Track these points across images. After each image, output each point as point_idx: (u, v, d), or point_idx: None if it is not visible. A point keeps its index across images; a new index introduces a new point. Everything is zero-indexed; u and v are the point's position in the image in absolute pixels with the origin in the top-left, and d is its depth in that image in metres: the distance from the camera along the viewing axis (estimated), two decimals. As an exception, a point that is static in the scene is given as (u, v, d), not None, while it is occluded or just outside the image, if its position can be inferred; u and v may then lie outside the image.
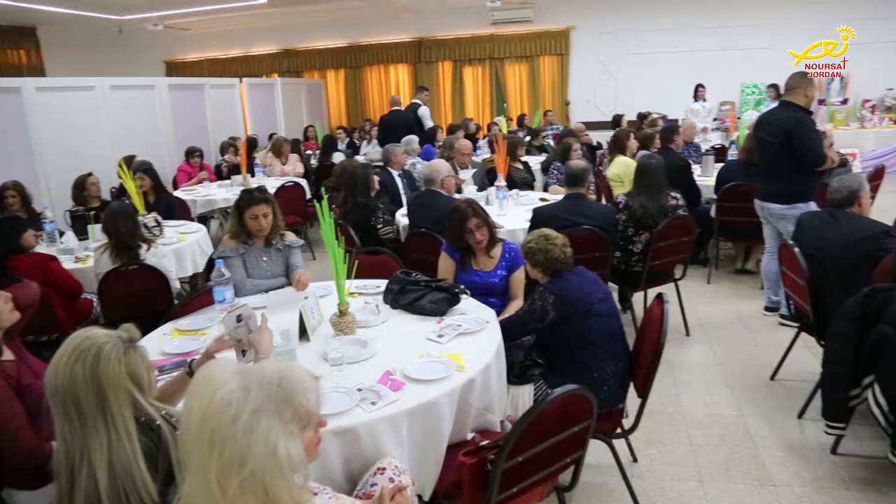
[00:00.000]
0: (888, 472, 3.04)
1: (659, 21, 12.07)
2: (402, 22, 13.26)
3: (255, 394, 1.21)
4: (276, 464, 1.19)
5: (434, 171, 4.67)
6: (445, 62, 13.62)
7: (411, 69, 13.85)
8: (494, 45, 13.14)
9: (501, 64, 13.31)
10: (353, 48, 13.99)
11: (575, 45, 12.74)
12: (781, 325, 4.71)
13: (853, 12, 11.29)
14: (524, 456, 2.01)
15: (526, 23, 12.73)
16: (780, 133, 4.45)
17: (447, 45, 13.41)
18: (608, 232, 4.15)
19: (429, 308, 2.90)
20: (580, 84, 12.84)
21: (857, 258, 3.24)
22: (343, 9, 12.56)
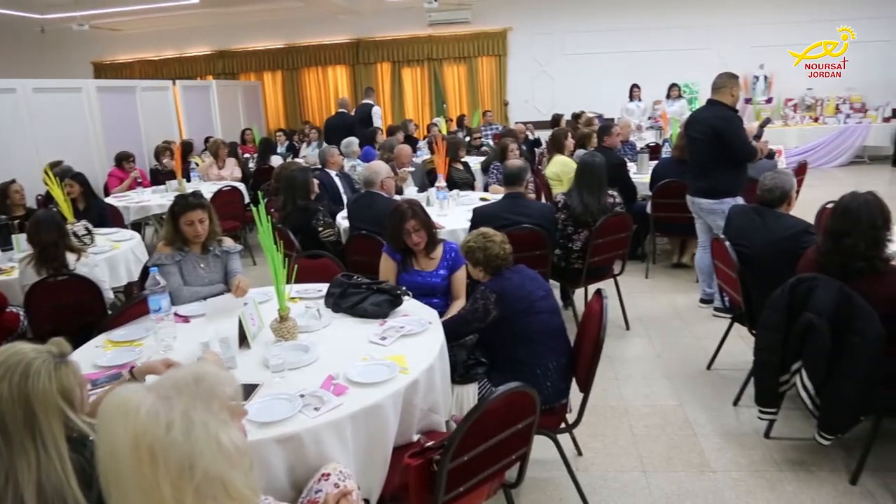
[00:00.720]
0: (816, 453, 3.19)
1: (594, 22, 12.34)
2: (339, 23, 13.15)
3: (177, 398, 1.18)
4: (224, 455, 1.17)
5: (373, 172, 4.65)
6: (384, 63, 13.59)
7: (350, 70, 13.76)
8: (433, 46, 13.18)
9: (440, 65, 13.35)
10: (290, 49, 13.79)
11: (512, 45, 12.90)
12: (716, 317, 4.87)
13: (777, 16, 11.83)
14: (469, 455, 2.02)
15: (463, 24, 12.81)
16: (709, 131, 4.60)
17: (385, 46, 13.37)
18: (548, 230, 4.21)
19: (371, 310, 2.88)
20: (518, 84, 13.01)
21: (781, 255, 3.38)
22: (279, 9, 12.37)
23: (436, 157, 5.86)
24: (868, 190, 2.95)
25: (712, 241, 4.02)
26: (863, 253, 2.79)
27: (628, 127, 8.15)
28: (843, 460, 3.13)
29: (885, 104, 11.67)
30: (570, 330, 3.00)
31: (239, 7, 12.04)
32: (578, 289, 4.77)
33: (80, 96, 8.19)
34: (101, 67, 14.42)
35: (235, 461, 1.19)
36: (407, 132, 9.28)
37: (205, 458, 1.15)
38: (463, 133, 10.40)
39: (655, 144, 8.81)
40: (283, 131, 11.83)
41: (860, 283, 2.77)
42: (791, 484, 3.00)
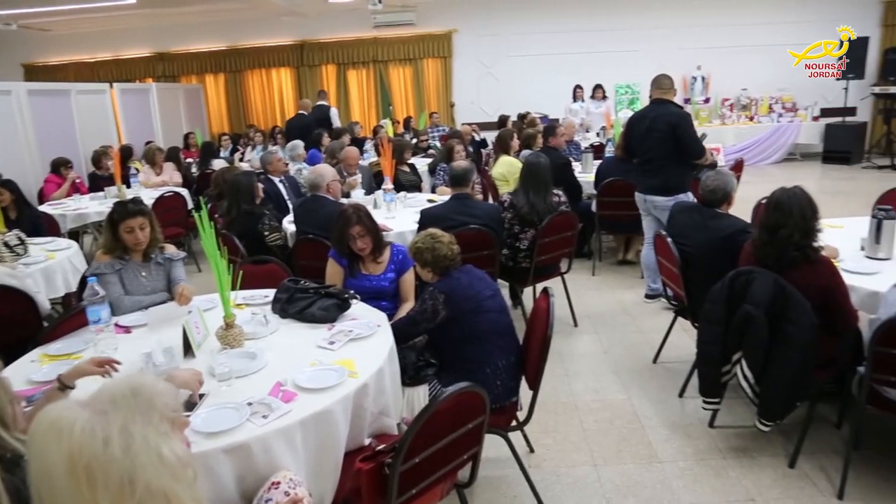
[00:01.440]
0: (757, 439, 3.31)
1: (538, 24, 12.50)
2: (283, 24, 12.98)
3: (113, 413, 1.15)
4: (166, 468, 1.14)
5: (319, 175, 4.60)
6: (329, 65, 13.47)
7: (294, 73, 13.59)
8: (378, 48, 13.14)
9: (386, 67, 13.32)
10: (232, 51, 13.54)
11: (457, 47, 12.96)
12: (663, 310, 4.99)
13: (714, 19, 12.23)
14: (421, 456, 2.02)
15: (408, 26, 12.81)
16: (666, 128, 4.72)
17: (330, 47, 13.26)
18: (495, 230, 4.25)
19: (319, 315, 2.85)
20: (464, 86, 13.08)
21: (720, 253, 3.49)
22: (220, 10, 12.10)
23: (382, 159, 5.84)
24: (797, 185, 3.08)
25: (655, 238, 4.12)
26: (797, 243, 2.91)
27: (572, 127, 8.28)
28: (782, 445, 3.26)
29: (814, 104, 12.19)
30: (520, 329, 3.04)
31: (178, 8, 11.73)
32: (527, 287, 4.82)
33: (10, 100, 7.86)
34: (32, 69, 13.87)
35: (178, 474, 1.16)
36: (353, 135, 9.23)
37: (146, 472, 1.12)
38: (410, 135, 10.40)
39: (599, 144, 8.98)
40: (228, 135, 11.61)
41: (794, 275, 2.89)
42: (734, 470, 3.10)
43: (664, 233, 3.85)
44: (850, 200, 8.25)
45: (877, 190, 4.85)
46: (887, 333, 2.60)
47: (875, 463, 3.07)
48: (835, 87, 11.78)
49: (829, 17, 12.06)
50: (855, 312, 3.05)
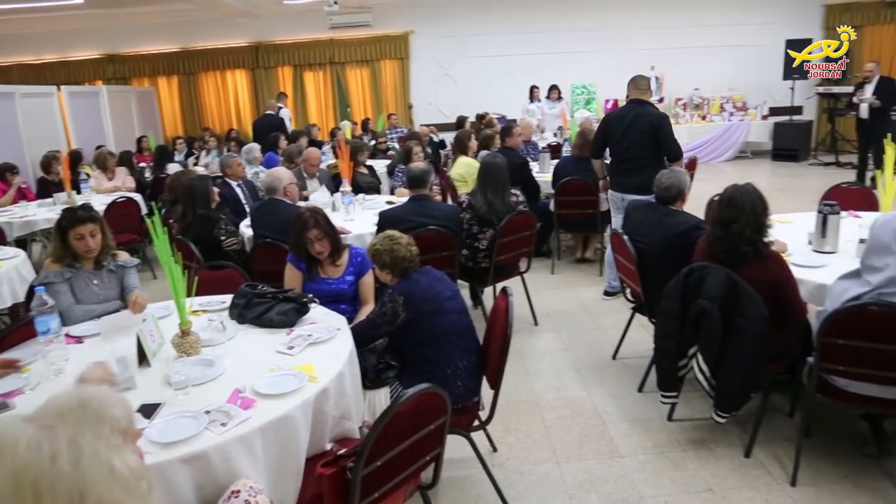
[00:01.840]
0: (714, 431, 3.39)
1: (495, 25, 12.58)
2: (237, 26, 12.78)
3: (61, 427, 1.12)
4: (118, 481, 1.11)
5: (275, 178, 4.55)
6: (285, 67, 13.32)
7: (250, 75, 13.40)
8: (335, 50, 13.04)
9: (343, 68, 13.24)
10: (185, 53, 13.27)
11: (415, 48, 12.95)
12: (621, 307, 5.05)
13: (664, 21, 12.48)
14: (383, 459, 2.01)
15: (365, 27, 12.75)
16: (647, 127, 4.84)
17: (286, 49, 13.11)
18: (453, 231, 4.26)
19: (277, 320, 2.82)
20: (422, 87, 13.08)
21: (674, 249, 3.56)
22: (172, 11, 11.87)
23: (340, 161, 5.80)
24: (748, 181, 3.17)
25: (612, 236, 4.18)
26: (748, 238, 2.99)
27: (529, 127, 8.35)
28: (738, 436, 3.34)
29: (763, 103, 12.53)
30: (481, 329, 3.05)
31: (128, 8, 11.45)
32: (487, 287, 4.85)
33: (-50, 104, 7.59)
34: (-27, 72, 13.41)
35: (132, 487, 1.13)
36: (311, 137, 9.15)
37: (98, 486, 1.09)
38: (368, 137, 10.36)
39: (556, 144, 9.08)
40: (183, 138, 11.39)
41: (745, 269, 2.96)
42: (693, 462, 3.17)
43: (620, 231, 3.92)
44: (799, 196, 8.50)
45: (823, 186, 5.01)
46: (834, 324, 2.69)
47: (825, 449, 3.18)
48: (782, 86, 12.14)
49: (775, 19, 12.48)
50: (804, 305, 3.15)
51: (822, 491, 2.90)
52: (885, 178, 4.04)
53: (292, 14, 12.44)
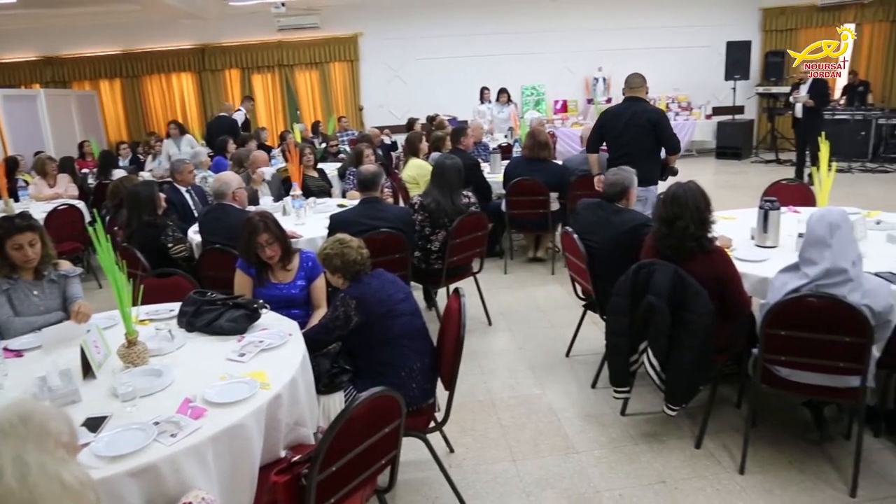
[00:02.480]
0: (666, 423, 3.47)
1: (444, 27, 12.61)
2: (182, 28, 12.50)
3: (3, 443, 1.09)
4: (69, 494, 1.09)
5: (224, 183, 4.46)
6: (233, 70, 13.10)
7: (196, 78, 13.13)
8: (283, 52, 12.89)
9: (291, 71, 13.08)
10: (128, 56, 12.92)
11: (364, 50, 12.89)
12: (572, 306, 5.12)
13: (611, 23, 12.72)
14: (338, 464, 2.00)
15: (313, 29, 12.64)
16: (646, 123, 5.07)
17: (233, 51, 12.90)
18: (405, 233, 4.25)
19: (227, 327, 2.77)
20: (372, 89, 13.03)
21: (623, 247, 3.63)
22: (113, 12, 11.54)
23: (289, 165, 5.74)
24: (691, 179, 3.26)
25: (563, 235, 4.24)
26: (693, 234, 3.07)
27: (480, 129, 8.40)
28: (689, 427, 3.43)
29: (706, 103, 12.89)
30: (436, 330, 3.05)
31: (66, 9, 11.08)
32: (440, 289, 4.86)
33: None
34: None
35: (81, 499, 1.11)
36: (260, 141, 9.01)
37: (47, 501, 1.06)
38: (318, 140, 10.26)
39: (507, 145, 9.15)
40: (127, 143, 11.09)
41: (691, 265, 3.04)
42: (646, 455, 3.24)
43: (570, 230, 3.97)
44: (742, 193, 8.76)
45: (764, 183, 5.17)
46: (775, 316, 2.79)
47: (770, 436, 3.29)
48: (724, 87, 12.50)
49: (716, 21, 12.87)
50: (748, 298, 3.25)
51: (768, 477, 3.00)
52: (821, 175, 4.20)
53: (239, 16, 12.23)
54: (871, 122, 11.01)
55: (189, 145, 9.35)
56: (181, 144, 9.42)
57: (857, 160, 10.84)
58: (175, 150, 9.24)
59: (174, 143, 9.49)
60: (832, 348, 2.74)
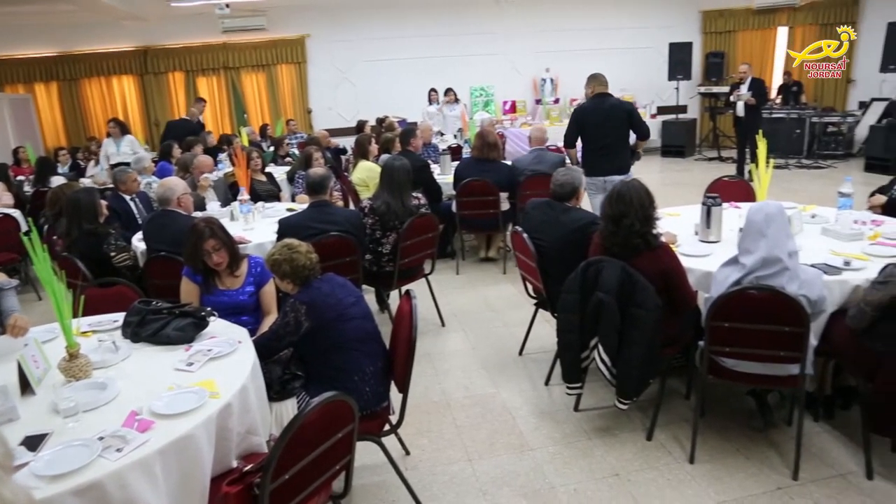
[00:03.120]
0: (618, 417, 3.54)
1: (391, 29, 12.57)
2: (123, 29, 12.13)
3: None
4: None
5: (168, 189, 4.35)
6: (177, 72, 12.78)
7: (138, 80, 12.75)
8: (229, 54, 12.64)
9: (238, 73, 12.85)
10: (66, 58, 12.44)
11: (311, 52, 12.75)
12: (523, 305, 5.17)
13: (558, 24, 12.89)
14: (291, 472, 1.97)
15: (259, 31, 12.43)
16: (624, 115, 5.49)
17: (177, 54, 12.59)
18: (356, 236, 4.23)
19: (174, 336, 2.70)
20: (320, 91, 12.89)
21: (572, 245, 3.68)
22: (48, 13, 11.09)
23: (236, 169, 5.64)
24: (634, 178, 3.33)
25: (512, 235, 4.28)
26: (639, 231, 3.13)
27: (429, 130, 8.42)
28: (640, 420, 3.50)
29: (651, 103, 13.18)
30: (389, 333, 3.04)
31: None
32: (392, 291, 4.84)
33: None
34: None
35: None
36: (206, 145, 8.82)
37: None
38: (267, 143, 10.12)
39: (457, 146, 9.19)
40: (66, 149, 10.71)
41: (638, 261, 3.11)
42: (599, 449, 3.29)
43: (520, 229, 4.01)
44: (687, 190, 8.99)
45: (707, 180, 5.31)
46: (719, 309, 2.87)
47: (718, 426, 3.39)
48: (668, 87, 12.81)
49: (659, 24, 13.18)
50: (693, 292, 3.34)
51: (716, 466, 3.09)
52: (760, 171, 4.34)
53: (182, 17, 11.95)
54: (806, 121, 11.44)
55: (130, 146, 8.96)
56: (121, 145, 8.99)
57: (794, 157, 11.25)
58: (114, 150, 8.88)
59: (114, 142, 9.05)
60: (773, 338, 2.84)
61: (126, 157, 8.49)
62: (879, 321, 2.78)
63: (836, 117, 11.56)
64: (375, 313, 4.91)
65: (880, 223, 3.97)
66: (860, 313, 2.84)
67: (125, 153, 8.64)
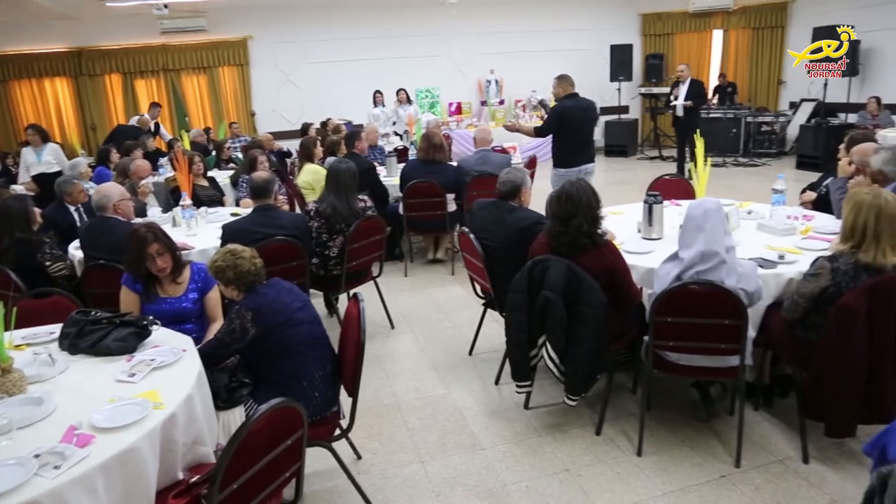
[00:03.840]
0: (567, 414, 3.59)
1: (335, 31, 12.46)
2: (55, 29, 11.67)
3: None
4: None
5: (104, 196, 4.20)
6: (113, 74, 12.37)
7: (72, 83, 12.28)
8: (168, 56, 12.32)
9: (178, 75, 12.53)
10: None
11: (254, 54, 12.53)
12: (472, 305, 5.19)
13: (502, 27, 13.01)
14: (239, 482, 1.94)
15: (200, 32, 12.15)
16: (595, 113, 6.22)
17: (114, 55, 12.18)
18: (302, 240, 4.18)
19: (115, 347, 2.62)
20: (264, 94, 12.68)
21: (518, 244, 3.70)
22: (-28, 12, 10.63)
23: (178, 174, 5.50)
24: (581, 178, 3.39)
25: (459, 235, 4.30)
26: (586, 231, 3.19)
27: (374, 132, 8.37)
28: (589, 416, 3.56)
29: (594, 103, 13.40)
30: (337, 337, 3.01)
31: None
32: (341, 294, 4.81)
33: None
34: None
35: None
36: (145, 149, 8.58)
37: None
38: (210, 147, 9.91)
39: (403, 147, 9.18)
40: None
41: (584, 260, 3.16)
42: (550, 445, 3.34)
43: (466, 230, 4.03)
44: (630, 189, 9.18)
45: (649, 178, 5.44)
46: (662, 304, 2.95)
47: (664, 418, 3.48)
48: (609, 88, 13.06)
49: (600, 26, 13.45)
50: (637, 289, 3.42)
51: (663, 457, 3.17)
52: (698, 170, 4.47)
53: (118, 17, 11.56)
54: (741, 120, 11.86)
55: (52, 155, 8.23)
56: (42, 154, 8.23)
57: (731, 155, 11.63)
58: (34, 159, 8.17)
59: (34, 151, 8.25)
60: (714, 331, 2.94)
61: (49, 168, 8.00)
62: (811, 312, 2.91)
63: (770, 117, 12.03)
64: (324, 317, 4.85)
65: (811, 218, 4.15)
66: (794, 305, 2.96)
67: (47, 162, 8.06)
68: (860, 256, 2.76)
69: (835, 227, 3.59)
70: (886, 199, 2.75)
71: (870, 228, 2.73)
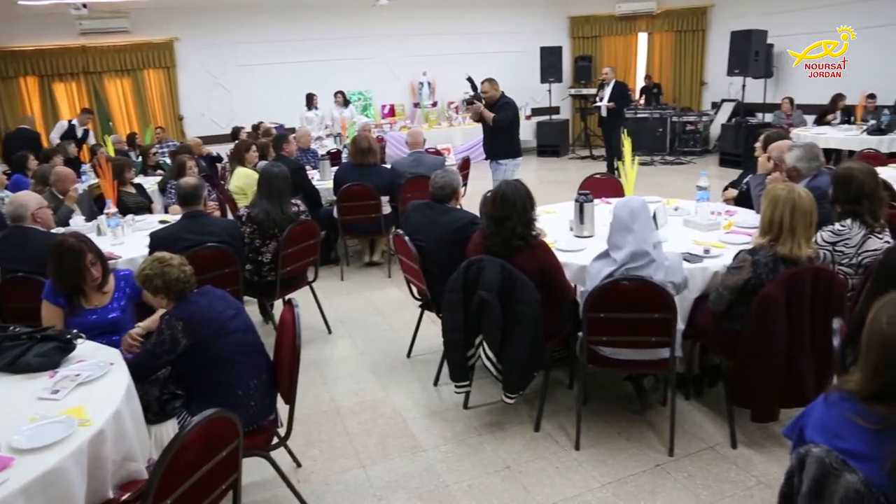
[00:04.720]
0: (506, 412, 3.63)
1: (265, 33, 12.22)
2: (-39, 29, 11.06)
3: None
4: None
5: (20, 205, 3.98)
6: (29, 77, 11.76)
7: (-19, 86, 11.66)
8: (89, 58, 11.81)
9: (100, 78, 12.02)
10: None
11: (181, 56, 12.16)
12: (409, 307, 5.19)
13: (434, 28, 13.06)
14: (173, 497, 1.88)
15: (122, 33, 11.70)
16: None
17: (29, 57, 11.59)
18: (234, 246, 4.10)
19: (36, 363, 2.49)
20: (192, 97, 12.32)
21: (453, 245, 3.73)
22: None
23: (102, 181, 5.29)
24: (517, 178, 3.43)
25: (394, 238, 4.29)
26: (520, 233, 3.23)
27: (307, 135, 8.25)
28: (528, 413, 3.61)
29: (525, 104, 13.61)
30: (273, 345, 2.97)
31: None
32: (276, 301, 4.73)
33: None
34: None
35: None
36: (67, 155, 8.22)
37: None
38: (136, 153, 9.57)
39: (336, 150, 9.09)
40: None
41: (517, 259, 3.21)
42: (490, 444, 3.37)
43: (401, 231, 4.04)
44: (562, 188, 9.35)
45: (581, 177, 5.55)
46: (594, 301, 3.02)
47: (600, 412, 3.56)
48: (540, 89, 13.29)
49: (531, 28, 13.68)
50: (570, 286, 3.49)
51: (600, 450, 3.25)
52: (626, 168, 4.59)
53: (32, 17, 11.01)
54: (667, 120, 12.26)
55: None
56: None
57: (658, 154, 12.01)
58: None
59: None
60: (645, 325, 3.03)
61: None
62: (735, 303, 3.03)
63: (693, 117, 12.51)
64: (259, 324, 4.77)
65: (734, 213, 4.33)
66: (719, 297, 3.09)
67: None
68: (778, 249, 2.89)
69: (755, 222, 3.73)
70: (800, 195, 2.89)
71: (786, 222, 2.87)
